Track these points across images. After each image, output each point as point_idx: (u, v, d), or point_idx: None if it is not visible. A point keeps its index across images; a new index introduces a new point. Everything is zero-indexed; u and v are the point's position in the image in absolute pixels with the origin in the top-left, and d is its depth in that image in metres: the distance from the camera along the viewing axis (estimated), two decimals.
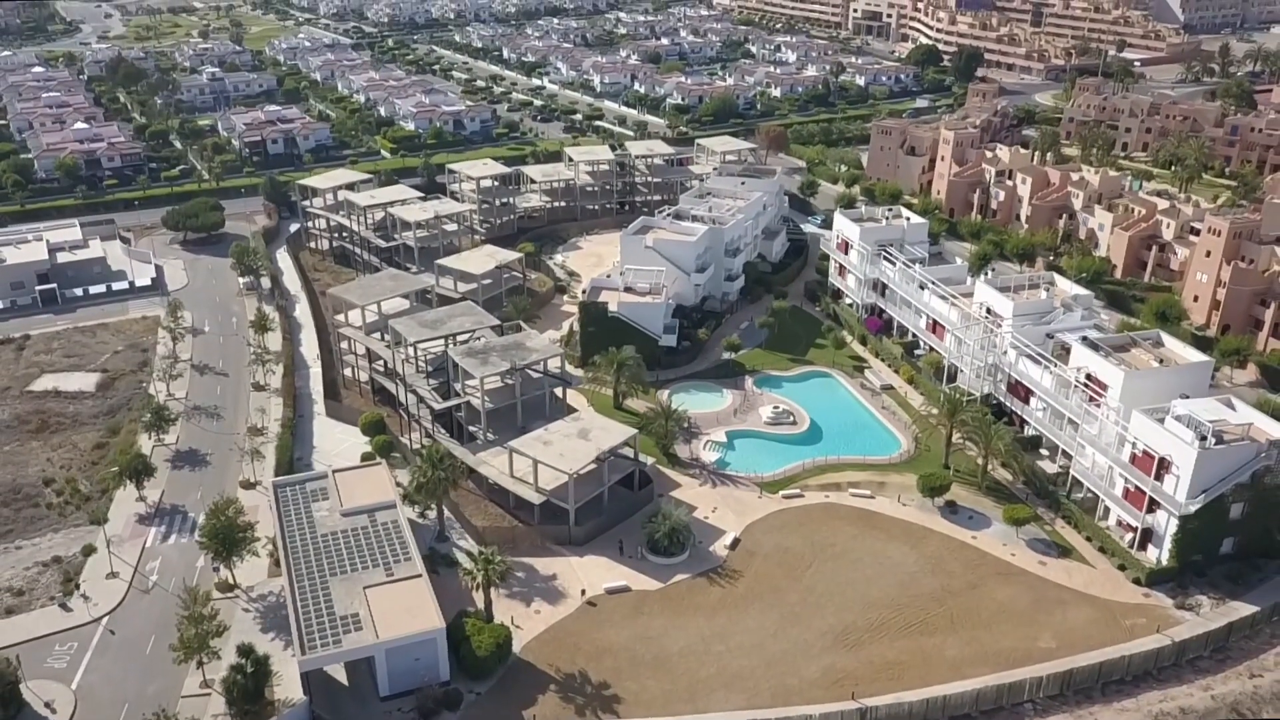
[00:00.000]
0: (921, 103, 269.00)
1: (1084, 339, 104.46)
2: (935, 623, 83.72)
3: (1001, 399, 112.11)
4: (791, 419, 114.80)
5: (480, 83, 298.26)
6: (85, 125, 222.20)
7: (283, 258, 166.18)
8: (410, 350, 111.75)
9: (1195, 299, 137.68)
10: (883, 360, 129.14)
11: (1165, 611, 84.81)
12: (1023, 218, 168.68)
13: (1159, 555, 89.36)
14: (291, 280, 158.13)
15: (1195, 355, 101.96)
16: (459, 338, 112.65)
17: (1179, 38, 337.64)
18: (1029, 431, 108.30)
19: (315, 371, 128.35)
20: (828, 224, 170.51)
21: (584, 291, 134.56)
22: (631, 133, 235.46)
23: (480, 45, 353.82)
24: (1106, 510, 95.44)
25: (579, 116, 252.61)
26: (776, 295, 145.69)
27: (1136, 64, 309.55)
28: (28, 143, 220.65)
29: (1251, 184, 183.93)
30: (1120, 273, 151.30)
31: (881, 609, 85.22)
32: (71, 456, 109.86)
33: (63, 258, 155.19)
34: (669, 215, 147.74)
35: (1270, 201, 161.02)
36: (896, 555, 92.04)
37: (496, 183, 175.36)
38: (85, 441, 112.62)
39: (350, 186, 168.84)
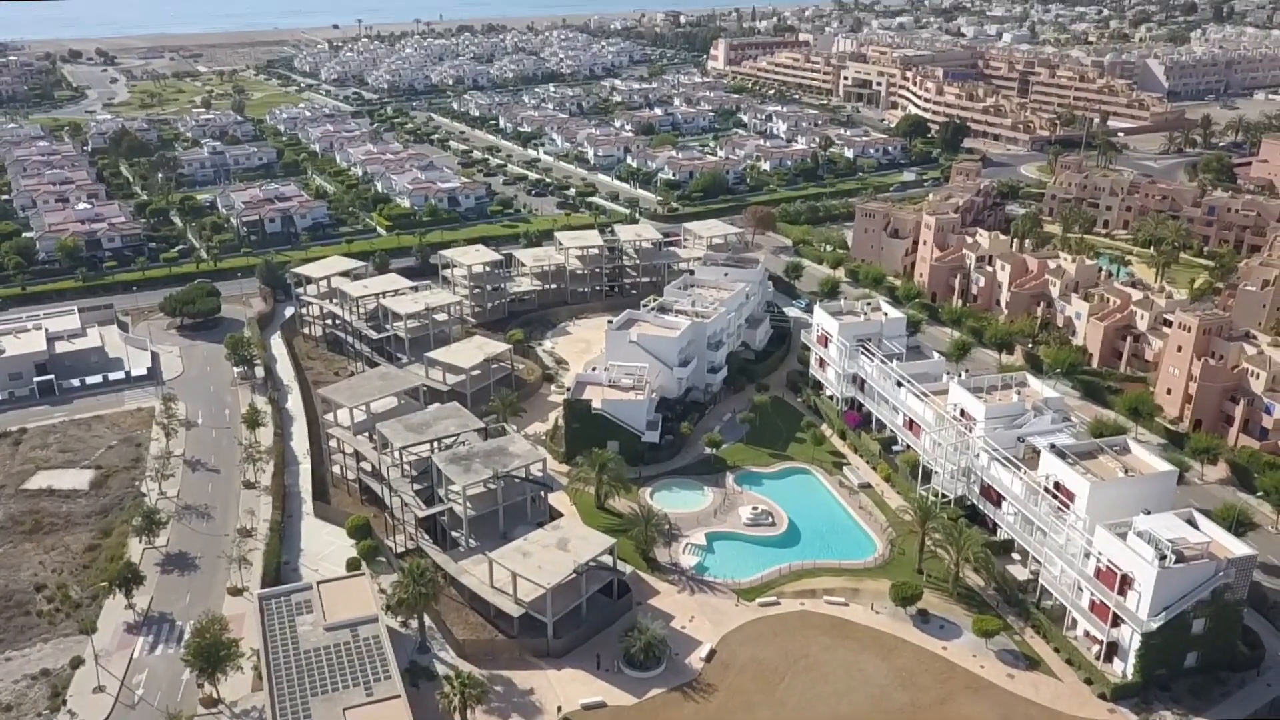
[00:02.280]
0: (909, 175, 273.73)
1: (1052, 446, 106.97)
2: None
3: (975, 501, 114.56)
4: (770, 520, 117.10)
5: (477, 154, 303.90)
6: (87, 205, 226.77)
7: (277, 344, 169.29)
8: (396, 455, 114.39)
9: (1169, 392, 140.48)
10: (861, 456, 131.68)
11: None
12: (1003, 303, 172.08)
13: (1124, 669, 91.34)
14: (285, 368, 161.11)
15: (1161, 465, 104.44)
16: (444, 442, 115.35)
17: (1163, 106, 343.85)
18: (1001, 535, 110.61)
19: (305, 468, 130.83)
20: (811, 308, 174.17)
21: (568, 389, 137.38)
22: (624, 209, 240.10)
23: (478, 114, 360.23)
24: (1074, 621, 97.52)
25: (572, 192, 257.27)
26: (759, 387, 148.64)
27: (1120, 134, 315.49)
28: (31, 221, 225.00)
29: (1228, 265, 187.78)
30: (1097, 362, 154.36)
31: None
32: (63, 560, 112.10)
33: (61, 347, 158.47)
34: (653, 309, 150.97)
35: (1244, 289, 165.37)
36: (869, 668, 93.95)
37: (488, 268, 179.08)
38: (78, 543, 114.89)
39: (345, 273, 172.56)
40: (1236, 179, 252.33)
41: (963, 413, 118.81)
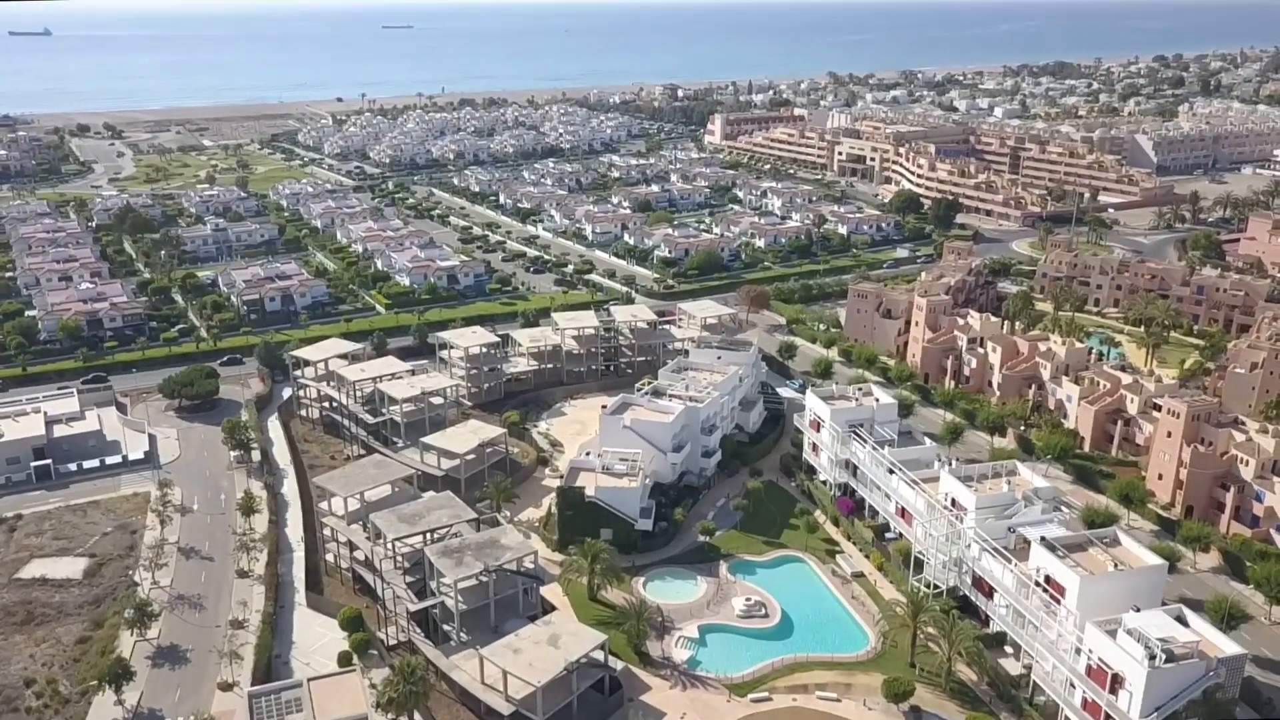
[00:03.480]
0: (902, 252, 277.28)
1: (1042, 539, 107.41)
2: None
3: (967, 592, 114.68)
4: (764, 611, 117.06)
5: (476, 230, 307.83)
6: (90, 284, 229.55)
7: (274, 426, 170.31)
8: (389, 546, 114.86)
9: (1160, 478, 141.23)
10: (854, 544, 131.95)
11: None
12: (994, 385, 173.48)
13: None
14: (282, 451, 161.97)
15: (1151, 558, 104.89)
16: (436, 533, 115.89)
17: (1152, 182, 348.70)
18: (994, 627, 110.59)
19: (299, 556, 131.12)
20: (805, 389, 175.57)
21: (562, 476, 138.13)
22: (621, 286, 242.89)
23: (478, 190, 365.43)
24: (1068, 718, 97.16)
25: (570, 269, 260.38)
26: (752, 471, 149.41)
27: (1110, 210, 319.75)
28: (34, 300, 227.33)
29: (1218, 345, 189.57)
30: (1088, 445, 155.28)
31: None
32: (54, 652, 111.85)
33: (59, 431, 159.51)
34: (647, 393, 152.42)
35: (1233, 371, 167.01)
36: None
37: (485, 349, 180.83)
38: (69, 635, 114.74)
39: (343, 355, 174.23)
40: (1225, 256, 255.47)
41: (954, 502, 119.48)
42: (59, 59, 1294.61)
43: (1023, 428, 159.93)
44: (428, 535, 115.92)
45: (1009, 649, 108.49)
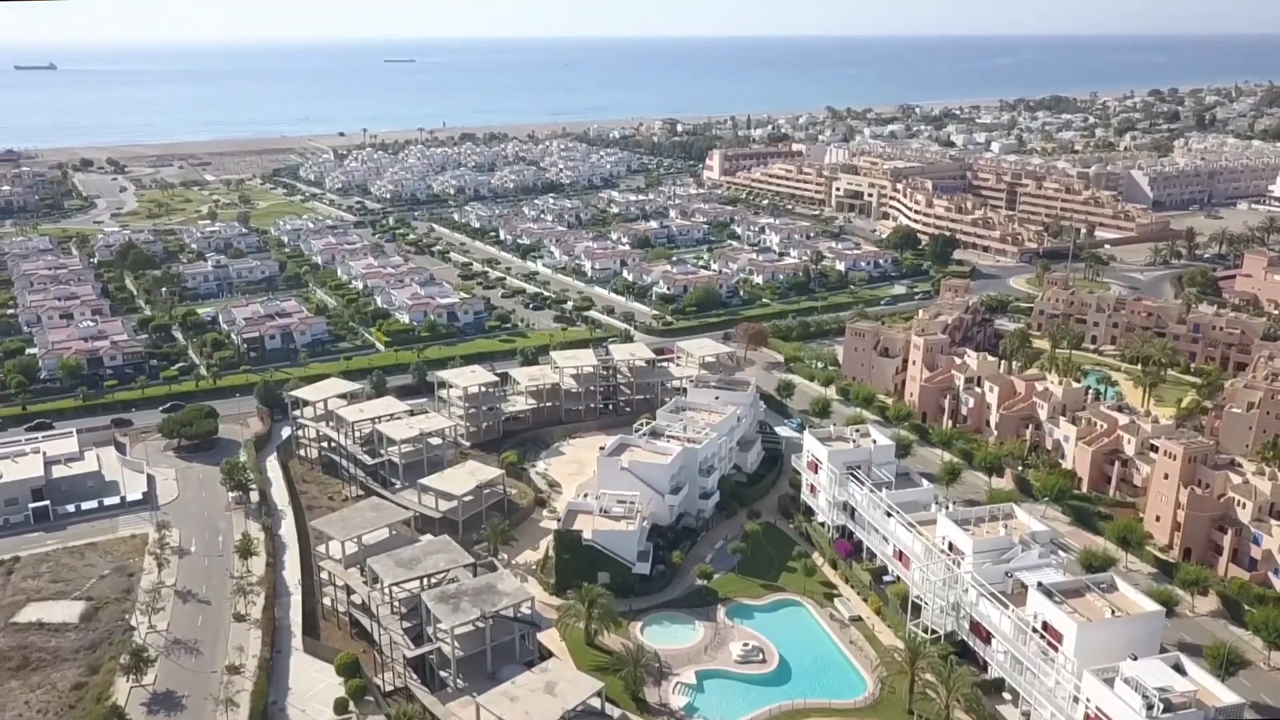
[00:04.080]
0: (899, 288, 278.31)
1: (1039, 585, 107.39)
2: None
3: (965, 638, 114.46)
4: (761, 656, 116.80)
5: (477, 266, 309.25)
6: (91, 322, 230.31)
7: (273, 466, 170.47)
8: (386, 591, 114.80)
9: (1157, 519, 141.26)
10: (852, 587, 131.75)
11: None
12: (992, 425, 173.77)
13: None
14: (280, 491, 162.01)
15: (1148, 604, 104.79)
16: (433, 579, 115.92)
17: (1148, 217, 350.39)
18: (992, 673, 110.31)
19: (296, 599, 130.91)
20: (803, 428, 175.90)
21: (560, 519, 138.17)
22: (620, 323, 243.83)
23: (478, 225, 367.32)
24: None
25: (569, 305, 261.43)
26: (750, 513, 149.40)
27: (1107, 245, 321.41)
28: (35, 338, 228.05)
29: (1215, 383, 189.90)
30: (1086, 486, 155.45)
31: None
32: (49, 699, 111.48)
33: (58, 471, 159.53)
34: (645, 433, 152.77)
35: (1230, 411, 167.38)
36: None
37: (484, 389, 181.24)
38: (65, 681, 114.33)
39: (342, 395, 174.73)
40: (1221, 292, 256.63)
41: (951, 546, 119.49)
42: (64, 93, 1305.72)
43: (1020, 468, 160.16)
44: (425, 580, 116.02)
45: (1007, 695, 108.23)
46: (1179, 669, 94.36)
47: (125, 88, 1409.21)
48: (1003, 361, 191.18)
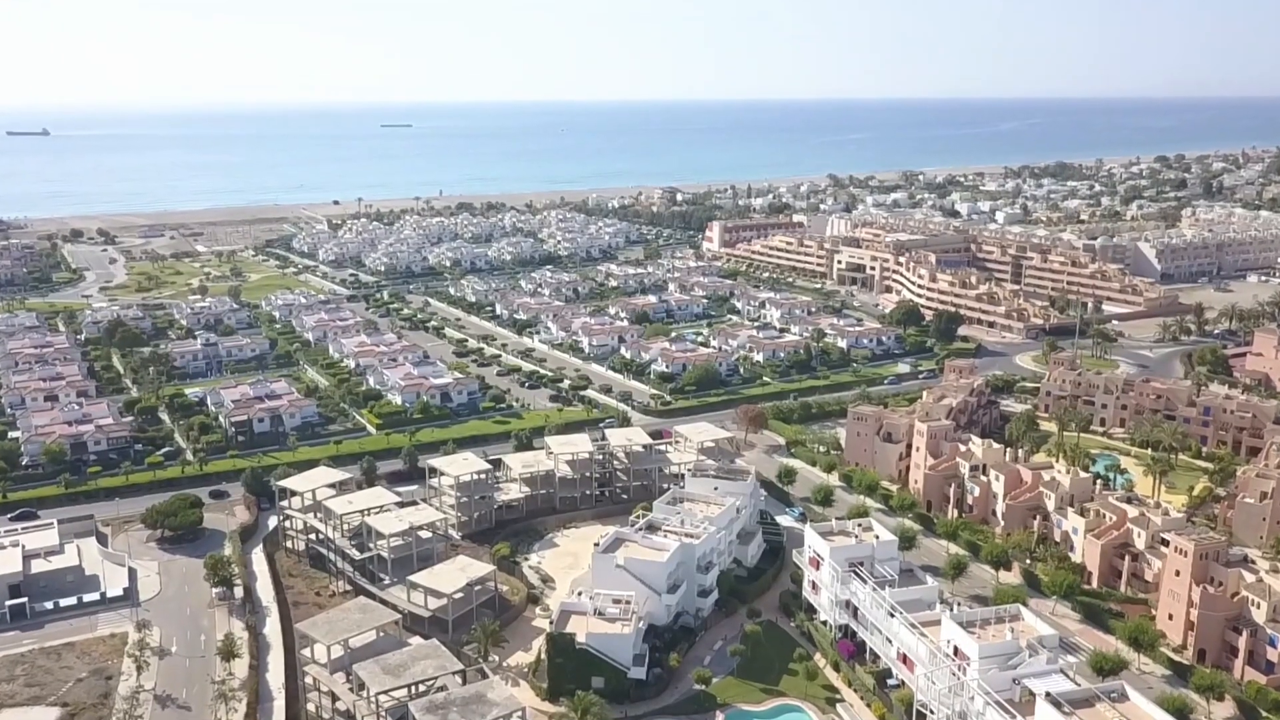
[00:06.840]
0: (903, 366, 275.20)
1: (1048, 695, 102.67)
2: None
3: None
4: None
5: (472, 343, 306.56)
6: (76, 405, 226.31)
7: (258, 559, 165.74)
8: (372, 700, 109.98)
9: (1170, 617, 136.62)
10: (855, 691, 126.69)
11: None
12: (998, 515, 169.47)
13: None
14: (265, 585, 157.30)
15: (1160, 716, 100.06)
16: (421, 686, 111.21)
17: (1156, 291, 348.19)
18: None
19: (279, 704, 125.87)
20: (805, 517, 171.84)
21: (553, 620, 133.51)
22: (617, 403, 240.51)
23: (474, 299, 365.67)
24: None
25: (565, 384, 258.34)
26: (750, 612, 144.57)
27: (1114, 321, 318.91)
28: (18, 420, 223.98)
29: (1227, 469, 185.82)
30: (1096, 581, 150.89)
31: None
32: None
33: (37, 566, 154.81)
34: (641, 528, 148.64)
35: (1242, 500, 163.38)
36: None
37: (476, 477, 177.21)
38: None
39: (331, 485, 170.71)
40: (1232, 371, 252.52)
41: (956, 650, 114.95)
42: (56, 160, 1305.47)
43: (1028, 561, 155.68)
44: (412, 688, 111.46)
45: None
46: None
47: (118, 153, 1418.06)
48: (1009, 448, 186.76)
